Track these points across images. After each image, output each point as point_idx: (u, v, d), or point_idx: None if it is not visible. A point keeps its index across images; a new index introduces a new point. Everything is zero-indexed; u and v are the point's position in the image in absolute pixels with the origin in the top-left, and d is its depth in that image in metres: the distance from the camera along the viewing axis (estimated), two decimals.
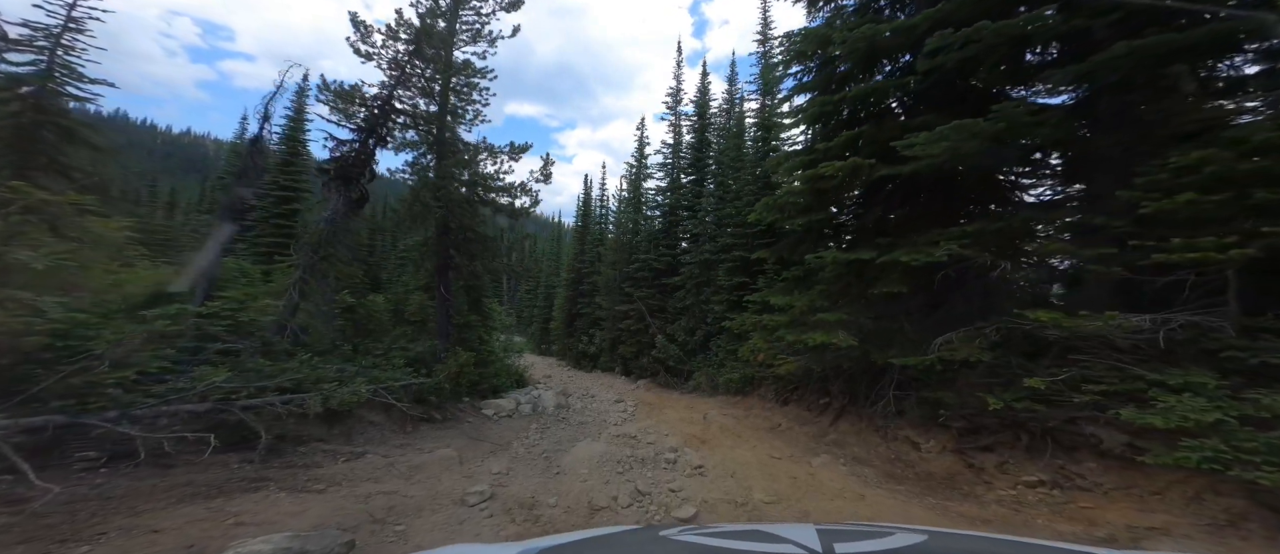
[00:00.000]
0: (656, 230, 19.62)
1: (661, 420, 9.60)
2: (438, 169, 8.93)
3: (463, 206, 9.49)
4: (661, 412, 11.14)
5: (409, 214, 9.04)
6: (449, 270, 9.99)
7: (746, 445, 7.30)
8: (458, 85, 10.64)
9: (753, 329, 9.30)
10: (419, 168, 8.94)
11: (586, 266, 25.31)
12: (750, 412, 9.89)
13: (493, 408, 9.92)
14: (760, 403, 10.32)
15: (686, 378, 14.61)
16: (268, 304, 6.25)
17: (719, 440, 7.68)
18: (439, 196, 8.93)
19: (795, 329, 7.35)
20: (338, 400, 5.42)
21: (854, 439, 7.14)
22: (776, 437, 8.03)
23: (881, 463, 6.29)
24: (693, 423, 9.08)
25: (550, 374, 19.32)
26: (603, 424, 9.84)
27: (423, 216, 8.98)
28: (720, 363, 12.59)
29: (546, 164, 10.94)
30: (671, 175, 20.11)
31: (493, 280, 13.72)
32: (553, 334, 27.54)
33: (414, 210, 8.94)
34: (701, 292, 15.07)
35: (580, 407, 11.98)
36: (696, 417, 9.71)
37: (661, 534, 1.15)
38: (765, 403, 10.25)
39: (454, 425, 8.00)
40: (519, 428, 8.86)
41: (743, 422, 9.10)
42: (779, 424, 8.64)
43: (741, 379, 11.00)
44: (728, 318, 12.31)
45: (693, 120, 20.13)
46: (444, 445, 6.48)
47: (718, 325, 13.54)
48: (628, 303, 18.60)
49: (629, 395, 14.11)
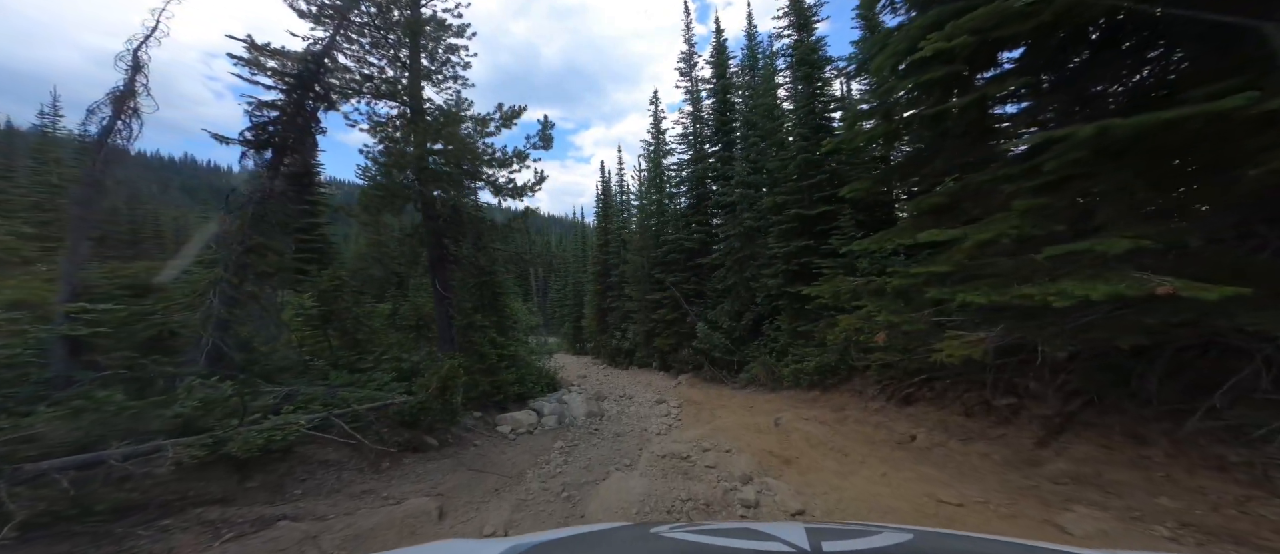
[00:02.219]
0: (683, 209, 17.60)
1: (717, 427, 7.54)
2: (413, 138, 7.20)
3: (447, 182, 7.74)
4: (714, 414, 9.07)
5: (379, 197, 7.35)
6: (445, 263, 8.28)
7: (872, 473, 4.83)
8: (432, 48, 8.91)
9: (852, 297, 6.29)
10: (386, 136, 7.23)
11: (611, 257, 23.70)
12: (843, 414, 7.48)
13: (510, 422, 8.17)
14: (854, 400, 7.88)
15: (736, 370, 12.54)
16: (179, 316, 4.66)
17: (814, 461, 5.44)
18: (418, 170, 7.21)
19: (977, 283, 4.26)
20: (240, 444, 3.73)
21: (1129, 473, 3.96)
22: (922, 459, 5.22)
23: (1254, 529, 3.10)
24: (762, 431, 6.92)
25: (584, 375, 17.77)
26: (643, 436, 7.90)
27: (394, 197, 7.28)
28: (782, 349, 10.30)
29: (545, 128, 9.03)
30: (694, 145, 17.97)
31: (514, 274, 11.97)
32: (586, 333, 26.29)
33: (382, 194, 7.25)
34: (745, 267, 12.85)
35: (615, 413, 10.09)
36: (763, 421, 7.55)
37: (653, 531, 1.19)
38: (864, 400, 7.72)
39: (453, 452, 6.27)
40: (539, 449, 7.05)
41: (839, 430, 6.70)
42: (911, 436, 5.99)
43: (818, 369, 8.67)
44: (787, 292, 10.00)
45: (712, 83, 17.87)
46: (425, 489, 4.73)
47: (772, 304, 11.28)
48: (659, 291, 16.68)
49: (671, 394, 12.13)
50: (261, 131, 5.37)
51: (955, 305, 4.46)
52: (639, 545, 1.11)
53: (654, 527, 1.25)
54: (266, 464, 4.15)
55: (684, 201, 18.01)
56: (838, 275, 7.23)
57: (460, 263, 8.68)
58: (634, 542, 1.17)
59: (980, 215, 4.55)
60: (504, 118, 9.10)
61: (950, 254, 4.59)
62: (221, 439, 3.68)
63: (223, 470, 3.82)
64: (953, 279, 4.71)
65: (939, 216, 5.23)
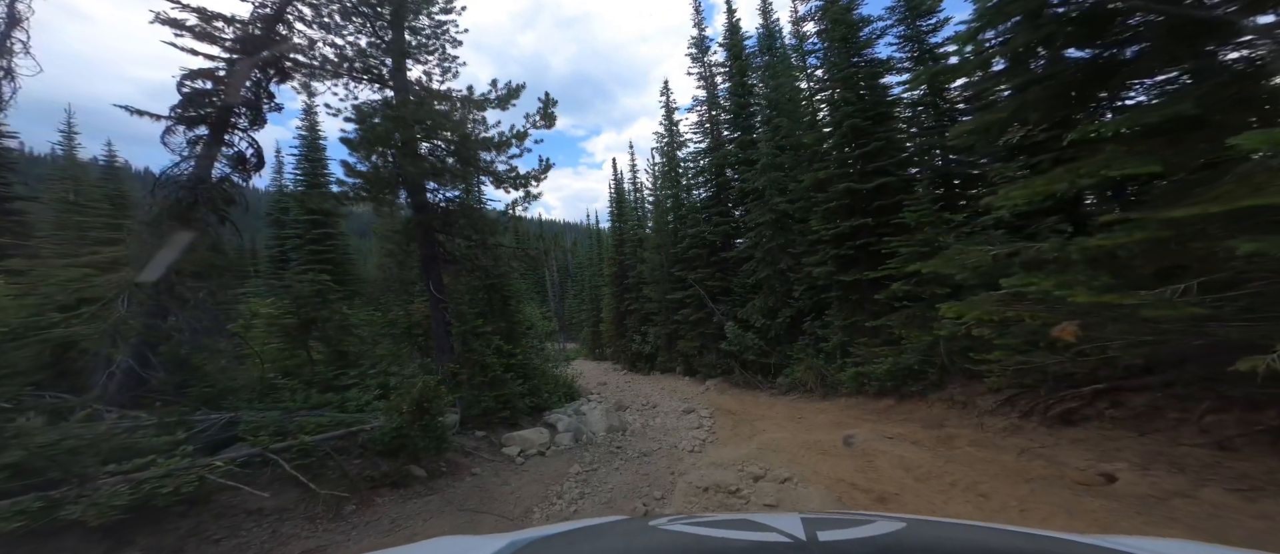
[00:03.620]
0: (703, 200, 16.42)
1: (764, 445, 6.22)
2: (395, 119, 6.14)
3: (436, 167, 6.68)
4: (755, 427, 7.74)
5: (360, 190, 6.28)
6: (439, 261, 7.21)
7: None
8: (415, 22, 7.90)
9: (984, 272, 4.57)
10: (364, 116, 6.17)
11: (628, 258, 22.62)
12: (944, 432, 5.75)
13: (518, 443, 6.99)
14: (956, 413, 6.13)
15: (772, 373, 11.17)
16: (83, 330, 3.63)
17: (928, 502, 3.95)
18: (402, 153, 6.17)
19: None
20: (87, 508, 2.59)
21: None
22: (1148, 514, 3.26)
23: None
24: (828, 453, 5.53)
25: (604, 382, 16.70)
26: (673, 455, 6.64)
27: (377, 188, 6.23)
28: (835, 349, 8.81)
29: (546, 105, 7.88)
30: (711, 133, 16.73)
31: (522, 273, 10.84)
32: (604, 337, 25.35)
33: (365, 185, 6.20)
34: (778, 258, 11.48)
35: (639, 426, 8.84)
36: (825, 439, 6.14)
37: (651, 524, 1.18)
38: (973, 414, 5.92)
39: (446, 486, 5.11)
40: (551, 475, 5.86)
41: (947, 455, 4.98)
42: (1106, 475, 3.91)
43: (893, 373, 7.08)
44: (840, 281, 8.54)
45: (726, 67, 16.61)
46: (398, 541, 3.60)
47: (817, 298, 9.87)
48: (681, 289, 15.42)
49: (700, 402, 10.82)
50: (194, 104, 4.36)
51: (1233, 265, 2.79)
52: (637, 538, 1.09)
53: (652, 519, 1.26)
54: (159, 521, 3.04)
55: (703, 193, 16.81)
56: (951, 247, 5.38)
57: (458, 261, 7.59)
58: (632, 534, 1.16)
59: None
60: (501, 97, 8.03)
61: (1218, 191, 3.02)
62: (53, 502, 2.57)
63: (76, 538, 2.70)
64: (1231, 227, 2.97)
65: (1168, 138, 3.57)
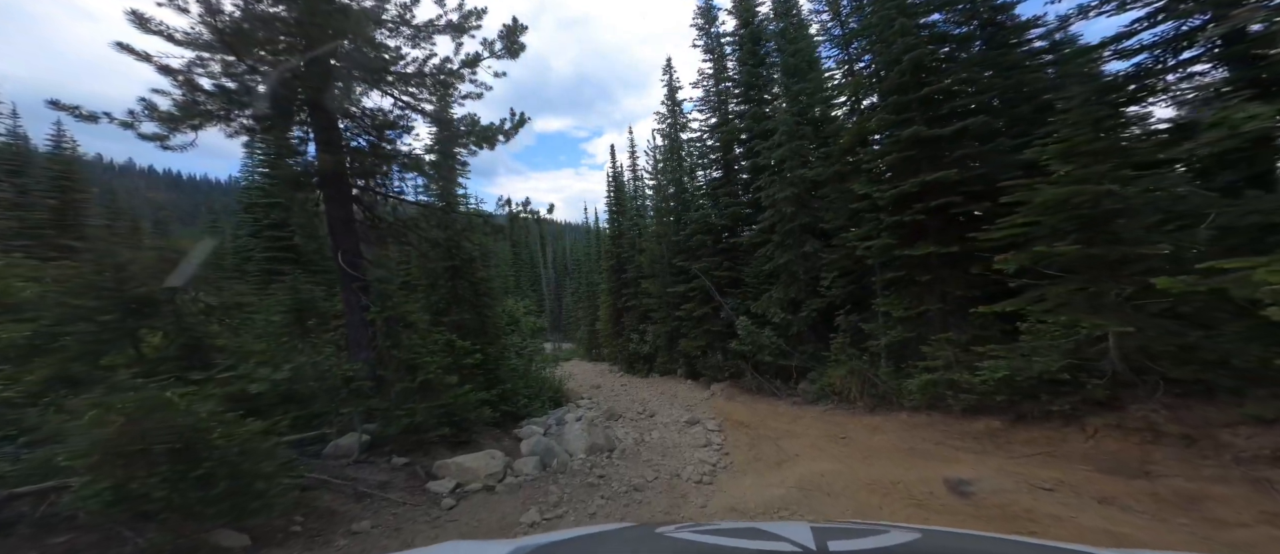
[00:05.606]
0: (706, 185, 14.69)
1: (808, 484, 4.25)
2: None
3: (346, 85, 4.77)
4: (785, 451, 5.76)
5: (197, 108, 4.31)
6: (354, 224, 5.29)
7: None
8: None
9: None
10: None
11: (625, 250, 20.85)
12: (1165, 482, 3.60)
13: (453, 473, 5.00)
14: (1182, 454, 3.82)
15: (794, 378, 9.23)
16: None
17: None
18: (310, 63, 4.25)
19: None
20: None
21: None
22: None
23: None
24: (922, 502, 3.47)
25: (598, 384, 14.86)
26: (674, 492, 4.70)
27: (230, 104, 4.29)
28: (892, 349, 6.59)
29: (513, 30, 5.93)
30: (718, 109, 14.99)
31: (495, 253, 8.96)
32: (600, 336, 23.61)
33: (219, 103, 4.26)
34: (802, 240, 9.54)
35: (632, 443, 6.85)
36: (908, 477, 4.04)
37: (658, 531, 1.18)
38: (1193, 453, 3.81)
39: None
40: (489, 530, 3.92)
41: (1183, 526, 3.05)
42: None
43: (1011, 383, 4.89)
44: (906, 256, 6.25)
45: (736, 36, 14.85)
46: None
47: (858, 284, 7.85)
48: (684, 281, 13.53)
49: (705, 411, 8.85)
50: None
51: None
52: (645, 545, 1.10)
53: (659, 526, 1.24)
54: None
55: (710, 174, 15.03)
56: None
57: (387, 226, 5.69)
58: (640, 541, 1.16)
59: None
60: (455, 25, 6.07)
61: None
62: None
63: None
64: None
65: None
